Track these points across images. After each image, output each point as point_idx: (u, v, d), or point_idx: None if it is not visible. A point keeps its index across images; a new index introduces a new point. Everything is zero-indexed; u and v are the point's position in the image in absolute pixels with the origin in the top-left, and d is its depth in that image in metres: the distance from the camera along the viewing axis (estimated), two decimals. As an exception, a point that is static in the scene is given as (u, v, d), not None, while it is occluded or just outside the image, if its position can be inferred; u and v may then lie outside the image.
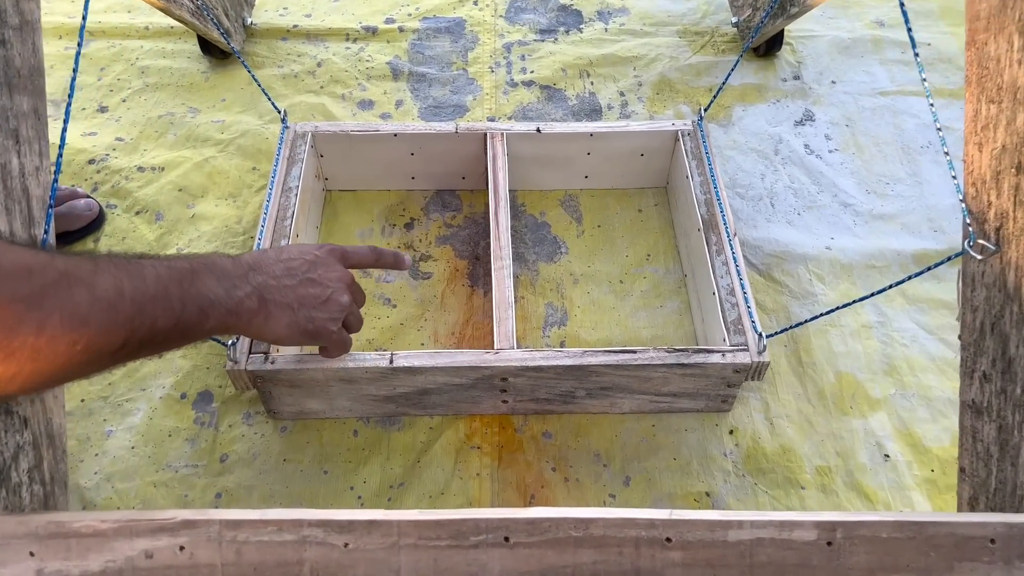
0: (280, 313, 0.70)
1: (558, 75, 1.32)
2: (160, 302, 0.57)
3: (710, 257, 0.95)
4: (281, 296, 0.70)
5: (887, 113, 1.27)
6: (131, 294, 0.55)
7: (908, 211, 1.14)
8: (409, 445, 0.91)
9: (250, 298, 0.67)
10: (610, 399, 0.92)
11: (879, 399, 0.95)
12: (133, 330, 0.55)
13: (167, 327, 0.58)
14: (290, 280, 0.72)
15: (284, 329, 0.71)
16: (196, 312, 0.61)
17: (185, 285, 0.60)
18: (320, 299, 0.74)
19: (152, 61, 1.33)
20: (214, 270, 0.65)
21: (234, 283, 0.66)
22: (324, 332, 0.75)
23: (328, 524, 0.61)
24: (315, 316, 0.73)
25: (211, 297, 0.63)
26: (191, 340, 0.62)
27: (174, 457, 0.90)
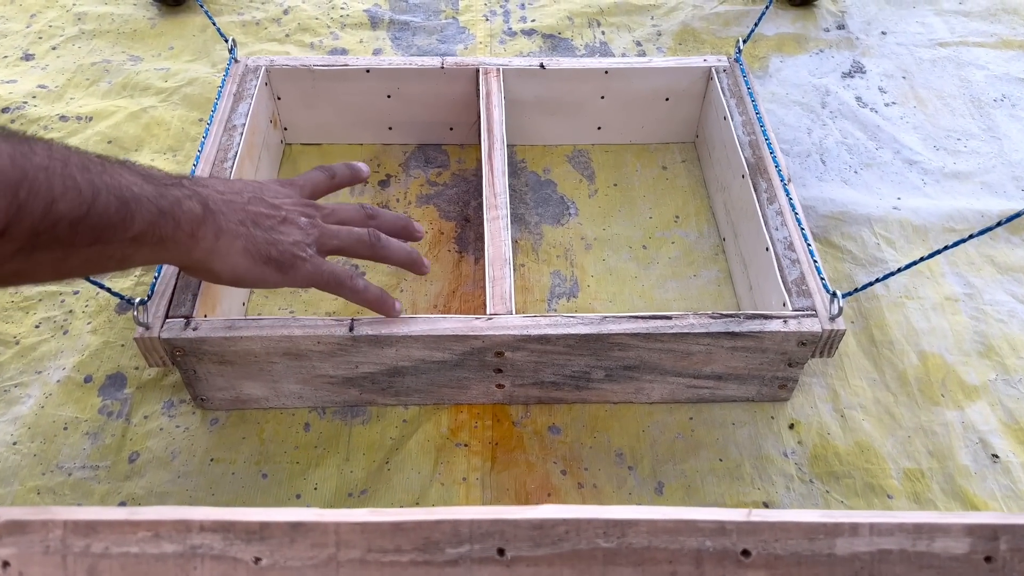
0: (234, 229, 0.55)
1: (564, 23, 1.13)
2: (58, 177, 0.42)
3: (760, 207, 0.75)
4: (229, 210, 0.55)
5: (949, 65, 1.08)
6: (11, 154, 0.40)
7: (987, 168, 0.94)
8: (376, 442, 0.70)
9: (190, 200, 0.52)
10: (636, 383, 0.71)
11: (977, 386, 0.75)
12: (20, 205, 0.40)
13: (73, 216, 0.43)
14: (236, 197, 0.57)
15: (240, 255, 0.56)
16: (115, 203, 0.45)
17: (94, 170, 0.45)
18: (276, 218, 0.59)
19: (91, 7, 1.14)
20: (134, 167, 0.50)
21: (165, 182, 0.51)
22: (296, 259, 0.59)
23: (231, 528, 0.41)
24: (277, 239, 0.58)
25: (135, 190, 0.47)
26: (112, 253, 0.47)
27: (68, 456, 0.69)
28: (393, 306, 0.65)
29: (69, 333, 0.77)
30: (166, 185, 0.51)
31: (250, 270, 0.57)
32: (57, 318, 0.78)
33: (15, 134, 0.42)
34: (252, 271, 0.57)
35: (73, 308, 0.79)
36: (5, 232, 0.39)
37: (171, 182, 0.52)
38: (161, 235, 0.49)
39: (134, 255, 0.49)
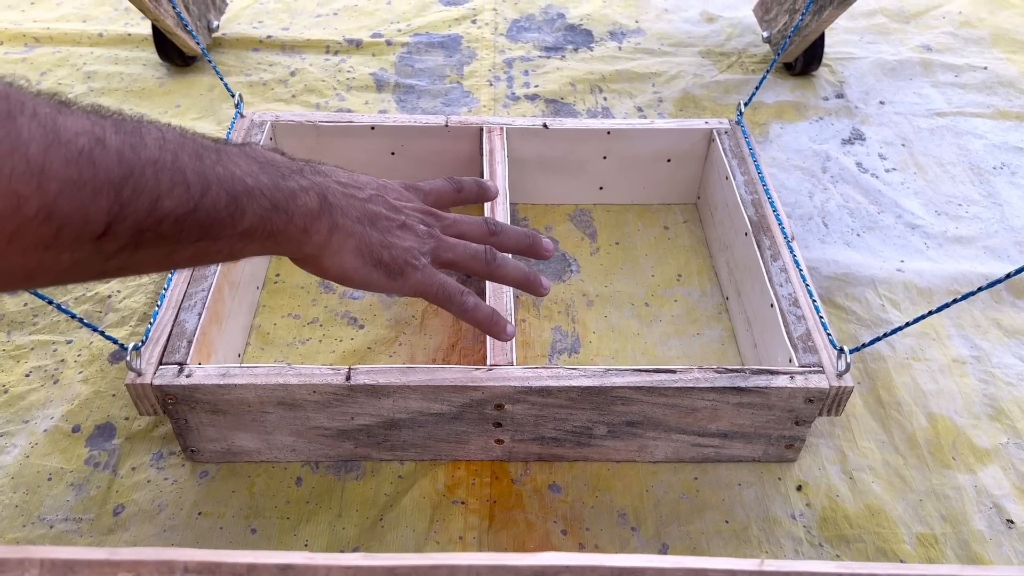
0: (349, 227, 0.52)
1: (566, 89, 1.15)
2: (167, 171, 0.39)
3: (764, 263, 0.74)
4: (348, 205, 0.52)
5: (948, 134, 1.09)
6: (118, 147, 0.37)
7: (990, 233, 0.94)
8: (369, 498, 0.68)
9: (307, 193, 0.49)
10: (639, 440, 0.69)
11: (988, 449, 0.73)
12: (123, 204, 0.37)
13: (180, 212, 0.40)
14: (357, 192, 0.54)
15: (352, 254, 0.53)
16: (226, 199, 0.42)
17: (208, 161, 0.42)
18: (396, 222, 0.56)
19: (101, 67, 1.16)
20: (254, 155, 0.47)
21: (283, 172, 0.48)
22: (406, 267, 0.55)
23: (216, 570, 0.39)
24: (393, 242, 0.55)
25: (248, 183, 0.44)
26: (221, 247, 0.44)
27: (51, 507, 0.66)
28: (504, 328, 0.62)
29: (60, 382, 0.75)
30: (284, 175, 0.48)
31: (359, 270, 0.54)
32: (48, 367, 0.76)
33: (128, 121, 0.40)
34: (361, 271, 0.54)
35: (65, 357, 0.77)
36: (108, 231, 0.37)
37: (291, 170, 0.49)
38: (272, 230, 0.47)
39: (244, 249, 0.46)
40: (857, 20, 1.31)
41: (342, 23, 1.27)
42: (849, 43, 1.26)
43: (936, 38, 1.28)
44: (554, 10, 1.33)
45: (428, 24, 1.28)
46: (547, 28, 1.29)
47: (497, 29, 1.28)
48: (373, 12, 1.30)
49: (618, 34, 1.28)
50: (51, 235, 0.34)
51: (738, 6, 1.34)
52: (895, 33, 1.29)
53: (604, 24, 1.30)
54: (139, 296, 0.83)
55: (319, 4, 1.32)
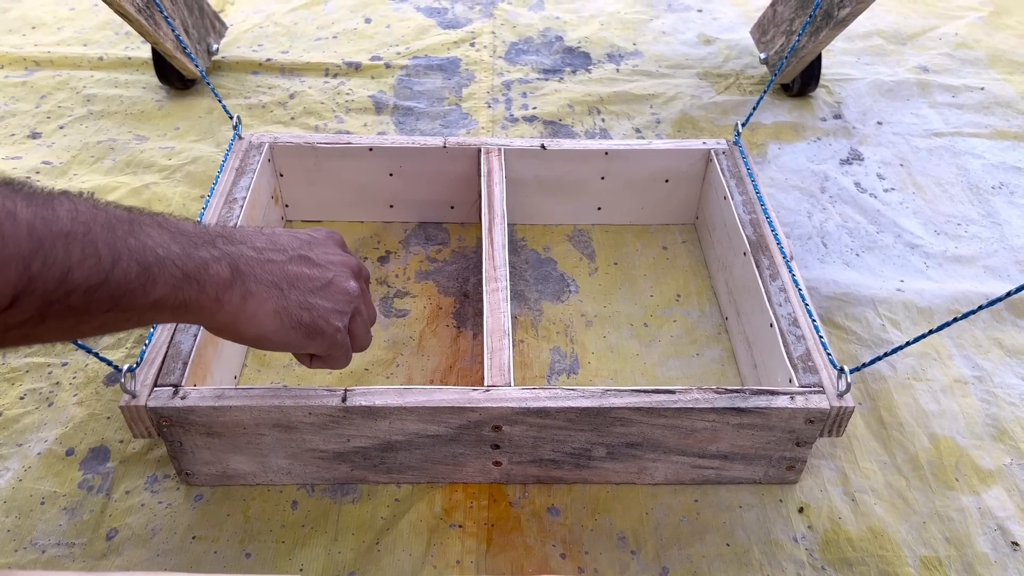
0: (264, 293, 0.51)
1: (564, 111, 1.15)
2: (78, 243, 0.39)
3: (763, 283, 0.74)
4: (264, 272, 0.52)
5: (945, 154, 1.09)
6: (29, 221, 0.37)
7: (990, 253, 0.94)
8: (366, 522, 0.67)
9: (218, 263, 0.48)
10: (639, 462, 0.68)
11: (992, 470, 0.72)
12: (32, 278, 0.37)
13: (89, 284, 0.40)
14: (277, 256, 0.53)
15: (269, 317, 0.52)
16: (137, 270, 0.42)
17: (120, 232, 0.42)
18: (319, 282, 0.55)
19: (101, 90, 1.16)
20: (166, 224, 0.47)
21: (195, 242, 0.48)
22: (327, 328, 0.55)
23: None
24: (314, 303, 0.54)
25: (160, 252, 0.44)
26: (130, 316, 0.44)
27: (43, 532, 0.65)
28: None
29: (54, 405, 0.75)
30: (196, 245, 0.48)
31: (277, 332, 0.53)
32: (43, 390, 0.76)
33: (40, 194, 0.40)
34: (279, 334, 0.53)
35: (60, 380, 0.77)
36: (15, 303, 0.37)
37: (203, 240, 0.49)
38: (184, 299, 0.46)
39: (154, 318, 0.46)
40: (854, 42, 1.32)
41: (341, 46, 1.28)
42: (846, 64, 1.27)
43: (933, 59, 1.28)
44: (552, 33, 1.34)
45: (427, 47, 1.29)
46: (545, 51, 1.29)
47: (496, 52, 1.29)
48: (372, 35, 1.31)
49: (616, 56, 1.28)
50: None
51: (735, 28, 1.35)
52: (892, 54, 1.30)
53: (602, 46, 1.30)
54: (135, 318, 0.82)
55: (318, 27, 1.33)
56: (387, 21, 1.35)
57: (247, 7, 1.37)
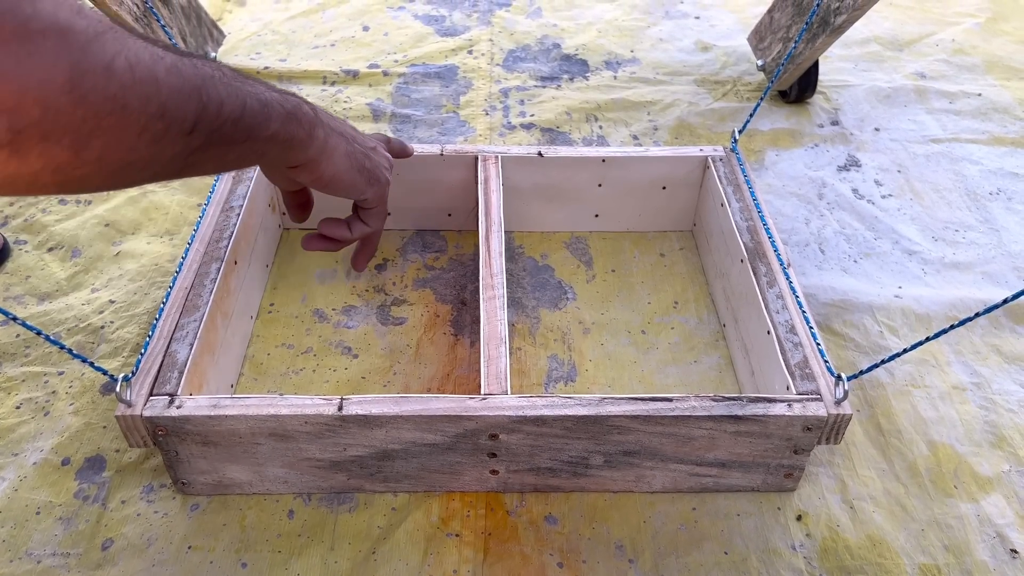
0: (337, 137, 0.63)
1: (562, 118, 1.16)
2: (222, 84, 0.49)
3: (760, 291, 0.74)
4: (332, 123, 0.63)
5: (943, 160, 1.09)
6: (188, 68, 0.46)
7: (988, 259, 0.94)
8: (362, 531, 0.67)
9: (303, 105, 0.59)
10: (636, 470, 0.68)
11: (990, 477, 0.72)
12: (203, 106, 0.46)
13: (234, 116, 0.50)
14: (339, 124, 0.65)
15: (343, 157, 0.64)
16: (258, 106, 0.52)
17: (238, 81, 0.52)
18: (368, 145, 0.69)
19: (99, 98, 1.16)
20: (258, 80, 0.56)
21: (282, 93, 0.57)
22: (380, 176, 0.69)
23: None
24: (369, 155, 0.68)
25: (267, 96, 0.54)
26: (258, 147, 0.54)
27: (39, 542, 0.65)
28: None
29: (50, 414, 0.75)
30: (283, 95, 0.57)
31: (348, 172, 0.64)
32: (39, 399, 0.76)
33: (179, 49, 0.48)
34: (349, 174, 0.64)
35: (56, 389, 0.77)
36: (194, 129, 0.46)
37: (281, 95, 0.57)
38: (289, 134, 0.56)
39: (269, 152, 0.56)
40: (851, 48, 1.32)
41: (339, 54, 1.28)
42: (843, 71, 1.27)
43: (930, 65, 1.28)
44: (550, 40, 1.34)
45: (425, 55, 1.29)
46: (543, 58, 1.30)
47: (493, 59, 1.29)
48: (370, 43, 1.31)
49: (613, 63, 1.28)
50: (163, 130, 0.43)
51: (732, 35, 1.35)
52: (889, 61, 1.30)
53: (600, 54, 1.31)
54: (132, 327, 0.82)
55: (316, 35, 1.33)
56: (385, 29, 1.35)
57: (245, 15, 1.37)
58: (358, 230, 0.74)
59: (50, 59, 0.37)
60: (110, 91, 0.40)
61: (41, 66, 0.36)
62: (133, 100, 0.41)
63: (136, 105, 0.41)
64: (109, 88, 0.40)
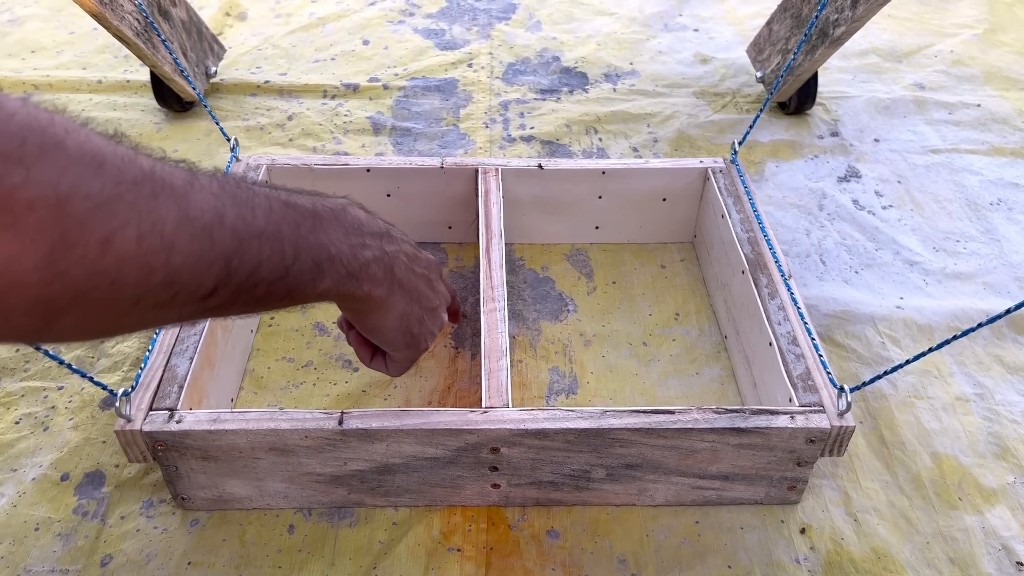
0: (401, 296, 0.58)
1: (562, 131, 1.16)
2: (269, 242, 0.45)
3: (762, 302, 0.74)
4: (408, 278, 0.58)
5: (943, 170, 1.09)
6: (233, 223, 0.42)
7: (989, 270, 0.94)
8: (363, 546, 0.66)
9: (378, 264, 0.55)
10: (639, 483, 0.68)
11: (995, 489, 0.72)
12: (230, 272, 0.42)
13: (272, 278, 0.46)
14: (418, 267, 0.60)
15: (395, 318, 0.59)
16: (311, 266, 0.48)
17: (304, 230, 0.48)
18: (431, 304, 0.63)
19: (100, 113, 1.16)
20: (343, 219, 0.53)
21: (364, 241, 0.54)
22: (422, 344, 0.64)
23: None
24: (424, 320, 0.62)
25: (332, 251, 0.50)
26: (297, 302, 0.50)
27: (37, 559, 0.65)
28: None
29: (50, 429, 0.74)
30: (364, 243, 0.53)
31: (392, 331, 0.60)
32: (38, 414, 0.75)
33: (243, 189, 0.45)
34: (392, 334, 0.60)
35: (56, 404, 0.76)
36: (213, 293, 0.42)
37: (372, 234, 0.55)
38: (343, 292, 0.52)
39: (316, 303, 0.52)
40: (850, 60, 1.32)
41: (339, 68, 1.29)
42: (842, 82, 1.27)
43: (929, 76, 1.29)
44: (549, 53, 1.34)
45: (425, 68, 1.29)
46: (542, 71, 1.30)
47: (493, 72, 1.29)
48: (370, 57, 1.31)
49: (613, 76, 1.29)
50: (169, 298, 0.39)
51: (731, 47, 1.35)
52: (888, 72, 1.30)
53: (599, 66, 1.31)
54: (132, 340, 0.82)
55: (317, 50, 1.33)
56: (385, 43, 1.36)
57: (246, 30, 1.38)
58: (375, 365, 0.68)
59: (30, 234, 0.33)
60: (99, 266, 0.36)
61: (15, 242, 0.32)
62: (130, 273, 0.37)
63: (132, 278, 0.37)
64: (99, 263, 0.35)
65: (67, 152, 0.34)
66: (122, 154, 0.37)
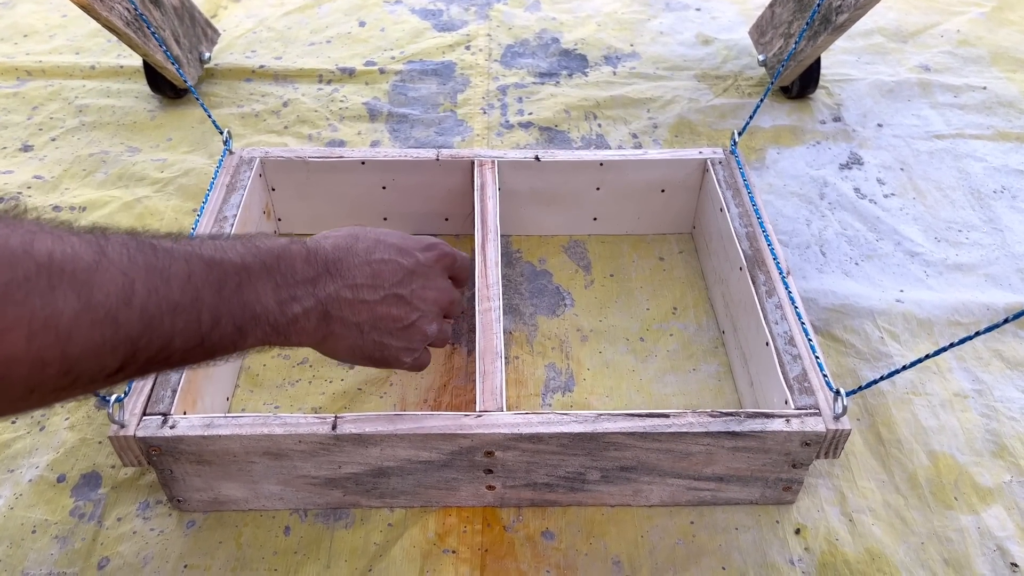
0: (344, 333, 0.55)
1: (560, 116, 1.14)
2: (183, 314, 0.43)
3: (759, 300, 0.73)
4: (352, 314, 0.55)
5: (947, 157, 1.08)
6: (143, 303, 0.41)
7: (991, 261, 0.93)
8: (359, 548, 0.67)
9: (308, 317, 0.52)
10: (633, 485, 0.68)
11: (991, 488, 0.71)
12: (136, 351, 0.41)
13: (188, 347, 0.44)
14: (371, 294, 0.56)
15: (344, 352, 0.57)
16: (232, 330, 0.47)
17: (227, 292, 0.46)
18: (401, 324, 0.58)
19: (93, 100, 1.15)
20: (274, 271, 0.50)
21: (294, 293, 0.51)
22: (393, 363, 0.59)
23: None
24: (388, 343, 0.58)
25: (256, 310, 0.48)
26: (217, 359, 0.48)
27: (35, 561, 0.65)
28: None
29: (46, 429, 0.74)
30: (295, 295, 0.51)
31: (347, 360, 0.58)
32: (34, 413, 0.76)
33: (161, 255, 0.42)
34: (352, 359, 0.58)
35: (52, 402, 0.76)
36: (119, 371, 0.40)
37: (305, 282, 0.52)
38: (268, 343, 0.51)
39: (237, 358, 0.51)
40: (854, 40, 1.30)
41: (335, 51, 1.27)
42: (846, 64, 1.25)
43: (934, 58, 1.27)
44: (548, 35, 1.32)
45: (422, 51, 1.27)
46: (541, 53, 1.28)
47: (491, 55, 1.27)
48: (367, 39, 1.30)
49: (613, 58, 1.27)
50: (68, 384, 0.38)
51: (734, 28, 1.33)
52: (893, 53, 1.28)
53: (599, 48, 1.29)
54: (127, 338, 0.82)
55: (312, 32, 1.31)
56: (381, 24, 1.34)
57: (240, 11, 1.36)
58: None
59: None
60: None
61: None
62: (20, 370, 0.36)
63: (24, 373, 0.36)
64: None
65: None
66: (15, 245, 0.35)
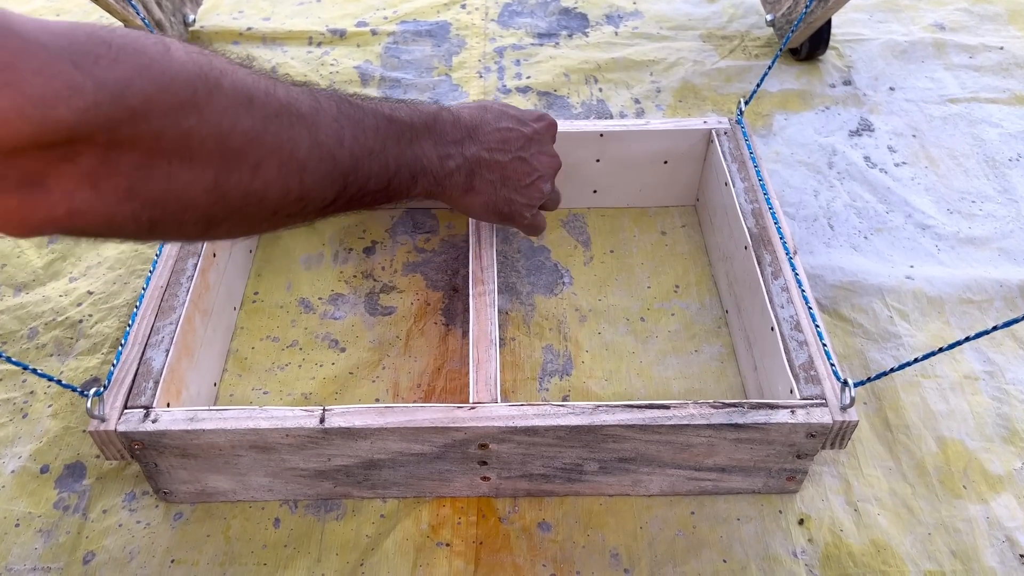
0: (483, 188, 0.67)
1: (560, 80, 1.10)
2: (377, 159, 0.55)
3: (764, 282, 0.70)
4: (488, 172, 0.67)
5: (961, 122, 1.04)
6: (351, 145, 0.51)
7: (1005, 233, 0.89)
8: (350, 541, 0.65)
9: (459, 172, 0.64)
10: (632, 475, 0.66)
11: (1001, 476, 0.69)
12: (346, 186, 0.52)
13: (377, 188, 0.56)
14: (502, 155, 0.67)
15: (480, 208, 0.69)
16: (407, 177, 0.59)
17: (403, 144, 0.58)
18: (524, 182, 0.69)
19: (75, 65, 1.11)
20: (433, 131, 0.62)
21: (448, 151, 0.63)
22: (517, 217, 0.71)
23: None
24: (514, 199, 0.69)
25: (424, 163, 0.60)
26: (392, 203, 0.61)
27: (18, 556, 0.64)
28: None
29: (28, 416, 0.72)
30: (449, 152, 0.63)
31: (480, 215, 0.70)
32: (17, 400, 0.73)
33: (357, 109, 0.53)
34: (481, 215, 0.70)
35: (35, 389, 0.74)
36: (332, 204, 0.52)
37: (455, 141, 0.63)
38: (430, 193, 0.63)
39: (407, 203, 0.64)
40: (867, -3, 1.25)
41: (326, 11, 1.22)
42: (858, 23, 1.20)
43: (950, 15, 1.21)
44: (548, -8, 1.27)
45: (415, 10, 1.22)
46: (540, 12, 1.23)
47: (488, 14, 1.22)
48: (358, -2, 1.25)
49: (615, 17, 1.22)
50: (299, 209, 0.50)
51: (741, -16, 1.28)
52: (906, 10, 1.23)
53: (600, 6, 1.24)
54: (111, 320, 0.79)
55: (302, -10, 1.26)
56: (374, -19, 1.28)
57: (227, -32, 1.30)
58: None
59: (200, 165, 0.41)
60: (251, 188, 0.44)
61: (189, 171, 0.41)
62: (273, 193, 0.45)
63: (275, 197, 0.46)
64: (251, 186, 0.44)
65: (225, 93, 0.41)
66: (264, 88, 0.45)
